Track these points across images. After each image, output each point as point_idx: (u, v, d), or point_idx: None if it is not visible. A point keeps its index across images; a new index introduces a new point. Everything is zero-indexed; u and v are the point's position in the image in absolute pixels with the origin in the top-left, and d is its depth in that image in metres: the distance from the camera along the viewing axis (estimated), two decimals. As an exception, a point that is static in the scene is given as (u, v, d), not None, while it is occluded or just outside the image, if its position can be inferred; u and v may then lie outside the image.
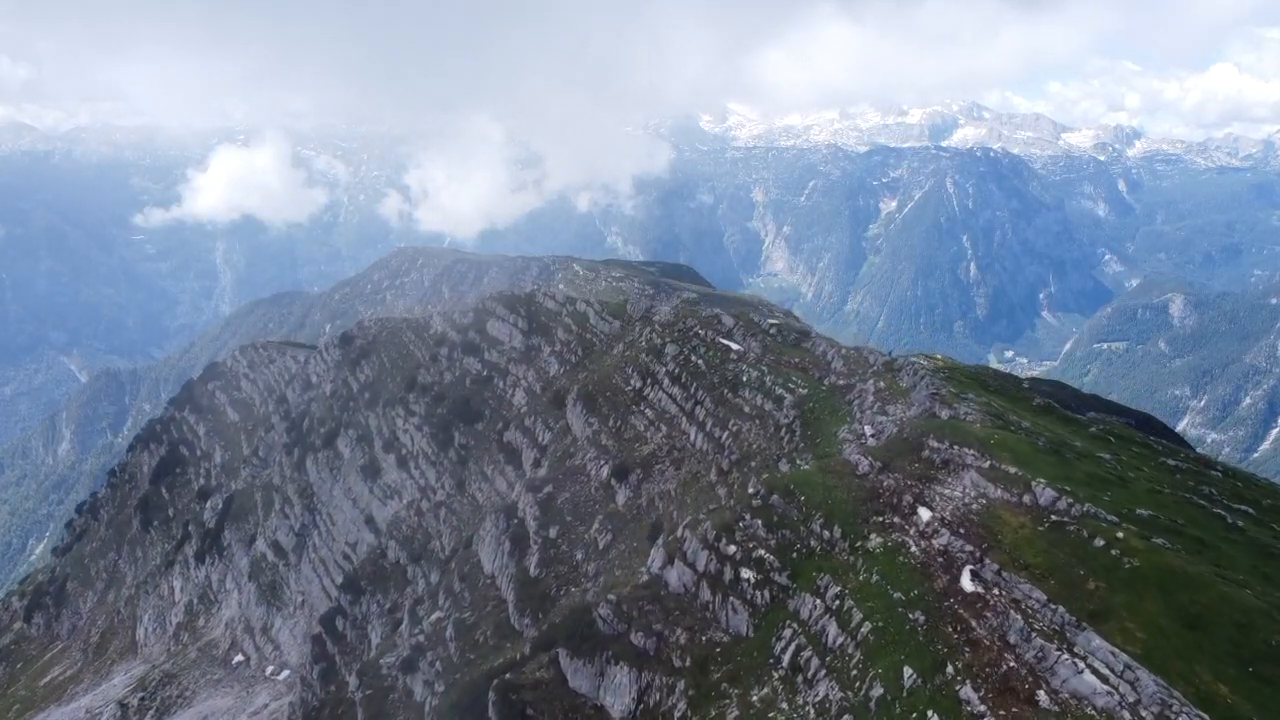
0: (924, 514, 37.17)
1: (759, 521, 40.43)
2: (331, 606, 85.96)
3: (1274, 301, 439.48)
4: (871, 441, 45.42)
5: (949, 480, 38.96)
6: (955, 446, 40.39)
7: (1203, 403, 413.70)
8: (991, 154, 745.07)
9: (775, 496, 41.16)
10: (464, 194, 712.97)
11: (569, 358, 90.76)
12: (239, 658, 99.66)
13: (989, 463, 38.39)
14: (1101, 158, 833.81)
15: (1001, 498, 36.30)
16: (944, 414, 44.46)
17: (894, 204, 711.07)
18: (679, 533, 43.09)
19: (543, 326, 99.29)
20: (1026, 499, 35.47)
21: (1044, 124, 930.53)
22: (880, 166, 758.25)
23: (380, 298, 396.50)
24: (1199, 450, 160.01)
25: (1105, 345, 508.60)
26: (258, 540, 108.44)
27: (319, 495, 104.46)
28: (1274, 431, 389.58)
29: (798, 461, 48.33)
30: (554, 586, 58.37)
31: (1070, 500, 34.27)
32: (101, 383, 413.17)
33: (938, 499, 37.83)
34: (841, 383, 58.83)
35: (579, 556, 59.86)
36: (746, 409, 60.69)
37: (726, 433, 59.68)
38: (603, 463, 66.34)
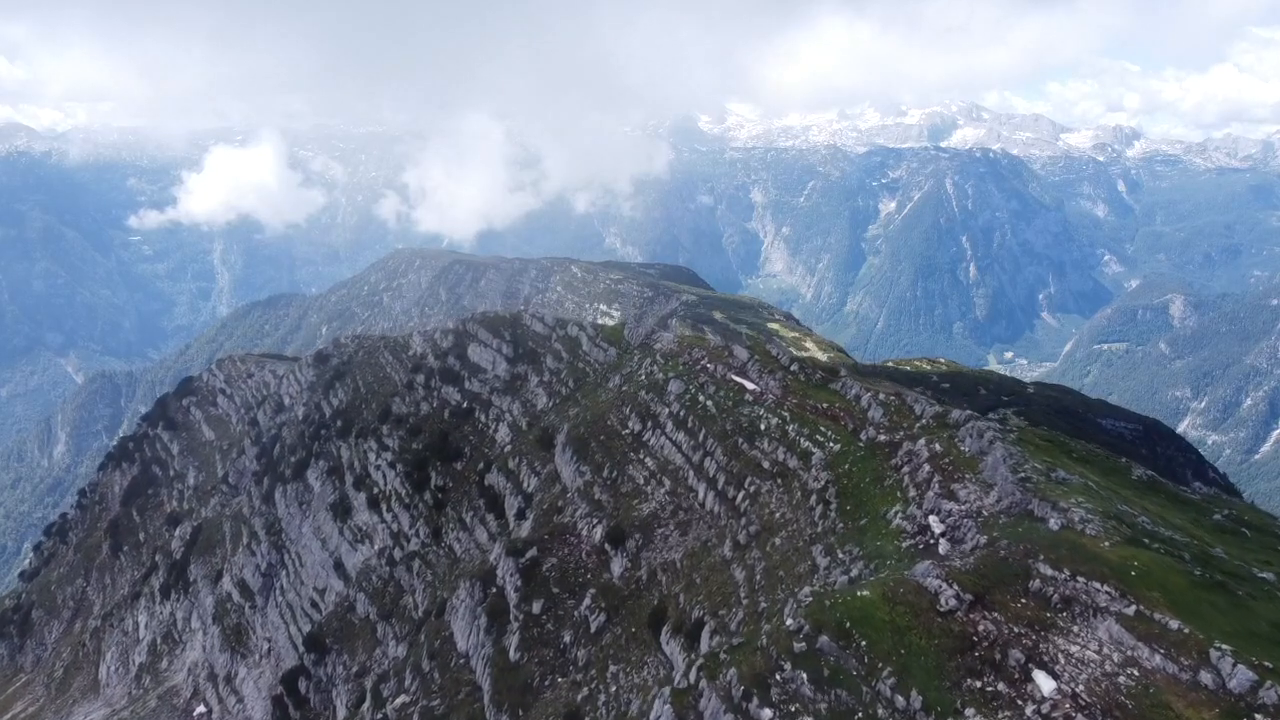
0: (1044, 683, 27.00)
1: (803, 675, 29.60)
2: (294, 665, 78.85)
3: (1274, 303, 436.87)
4: (945, 546, 35.57)
5: (1076, 630, 28.69)
6: (1080, 578, 30.18)
7: (1203, 404, 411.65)
8: (991, 155, 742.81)
9: (825, 637, 30.31)
10: (462, 194, 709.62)
11: (559, 389, 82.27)
12: (200, 709, 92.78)
13: (1134, 607, 28.46)
14: (1101, 158, 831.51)
15: (1163, 670, 26.15)
16: (1051, 519, 33.93)
17: (893, 205, 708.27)
18: (692, 678, 32.81)
19: (530, 353, 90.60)
20: (1206, 677, 25.13)
21: (1043, 124, 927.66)
22: (879, 167, 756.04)
23: (377, 299, 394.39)
24: (1201, 451, 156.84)
25: (1105, 346, 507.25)
26: (224, 578, 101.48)
27: (288, 532, 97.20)
28: (1275, 433, 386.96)
29: (839, 554, 38.71)
30: (537, 675, 50.22)
31: (1277, 686, 24.29)
32: (97, 385, 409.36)
33: (1062, 659, 27.65)
34: (883, 438, 48.71)
35: (567, 639, 51.50)
36: (766, 464, 51.53)
37: (742, 493, 50.87)
38: (595, 522, 57.28)
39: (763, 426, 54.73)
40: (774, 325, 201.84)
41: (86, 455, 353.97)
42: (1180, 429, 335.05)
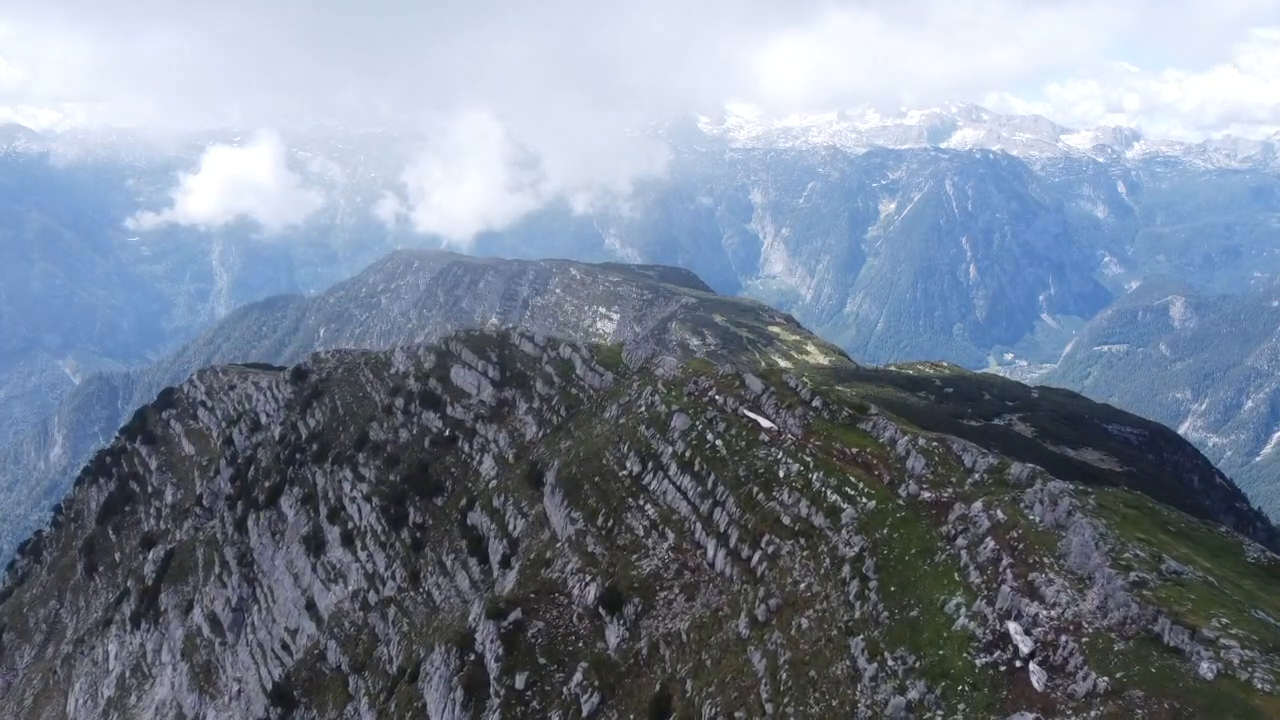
0: None
1: None
2: (260, 718, 75.09)
3: (1275, 304, 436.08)
4: (1041, 676, 27.49)
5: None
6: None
7: (1204, 406, 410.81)
8: (991, 156, 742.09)
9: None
10: (461, 195, 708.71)
11: (549, 418, 77.20)
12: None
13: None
14: (1100, 159, 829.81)
15: None
16: (1201, 661, 25.55)
17: (893, 206, 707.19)
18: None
19: (518, 375, 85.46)
20: None
21: (1043, 126, 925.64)
22: (879, 168, 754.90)
23: (375, 301, 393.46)
24: (1203, 452, 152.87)
25: (1105, 348, 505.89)
26: (195, 609, 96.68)
27: (260, 564, 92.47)
28: (1276, 435, 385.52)
29: (887, 659, 31.56)
30: (521, 765, 44.83)
31: None
32: (94, 386, 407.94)
33: None
34: (927, 495, 41.29)
35: (555, 721, 45.71)
36: (786, 520, 44.93)
37: (759, 554, 44.50)
38: (589, 579, 51.25)
39: (781, 473, 47.92)
40: (774, 328, 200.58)
41: (83, 457, 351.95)
42: (1181, 431, 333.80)
